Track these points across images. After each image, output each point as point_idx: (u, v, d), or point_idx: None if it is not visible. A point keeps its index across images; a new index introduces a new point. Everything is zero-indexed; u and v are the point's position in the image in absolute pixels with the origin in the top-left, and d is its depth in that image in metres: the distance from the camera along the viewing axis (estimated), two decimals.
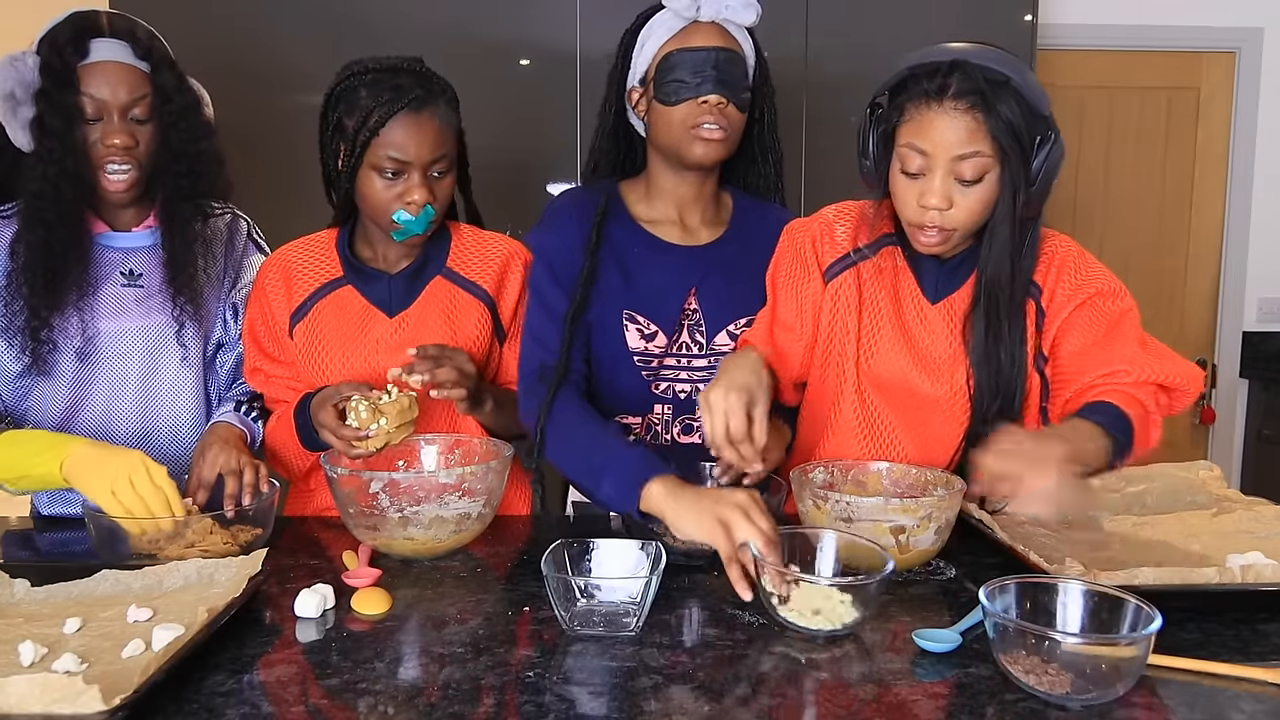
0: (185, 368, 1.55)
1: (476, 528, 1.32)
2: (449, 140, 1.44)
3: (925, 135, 1.24)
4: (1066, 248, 1.38)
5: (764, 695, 0.91)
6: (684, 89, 1.40)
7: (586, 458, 1.30)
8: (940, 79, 1.23)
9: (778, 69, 1.56)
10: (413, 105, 1.39)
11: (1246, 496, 1.36)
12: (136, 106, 1.41)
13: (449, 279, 1.53)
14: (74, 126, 1.38)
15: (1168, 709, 0.88)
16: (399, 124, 1.39)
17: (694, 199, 1.52)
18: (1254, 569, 1.06)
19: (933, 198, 1.25)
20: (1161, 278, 3.56)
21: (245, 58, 2.61)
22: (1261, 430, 3.53)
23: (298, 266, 1.53)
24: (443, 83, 1.46)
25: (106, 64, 1.39)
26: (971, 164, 1.23)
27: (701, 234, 1.53)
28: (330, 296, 1.52)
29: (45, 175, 1.38)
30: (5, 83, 1.36)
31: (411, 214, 1.42)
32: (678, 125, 1.42)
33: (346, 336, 1.50)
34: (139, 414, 1.53)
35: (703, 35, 1.42)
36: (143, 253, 1.52)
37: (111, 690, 0.82)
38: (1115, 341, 1.32)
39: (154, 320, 1.51)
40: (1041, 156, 1.25)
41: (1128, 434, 1.23)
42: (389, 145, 1.39)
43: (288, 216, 1.62)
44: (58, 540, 1.46)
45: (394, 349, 1.48)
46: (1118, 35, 3.38)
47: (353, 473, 1.30)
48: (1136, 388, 1.28)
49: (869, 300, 1.40)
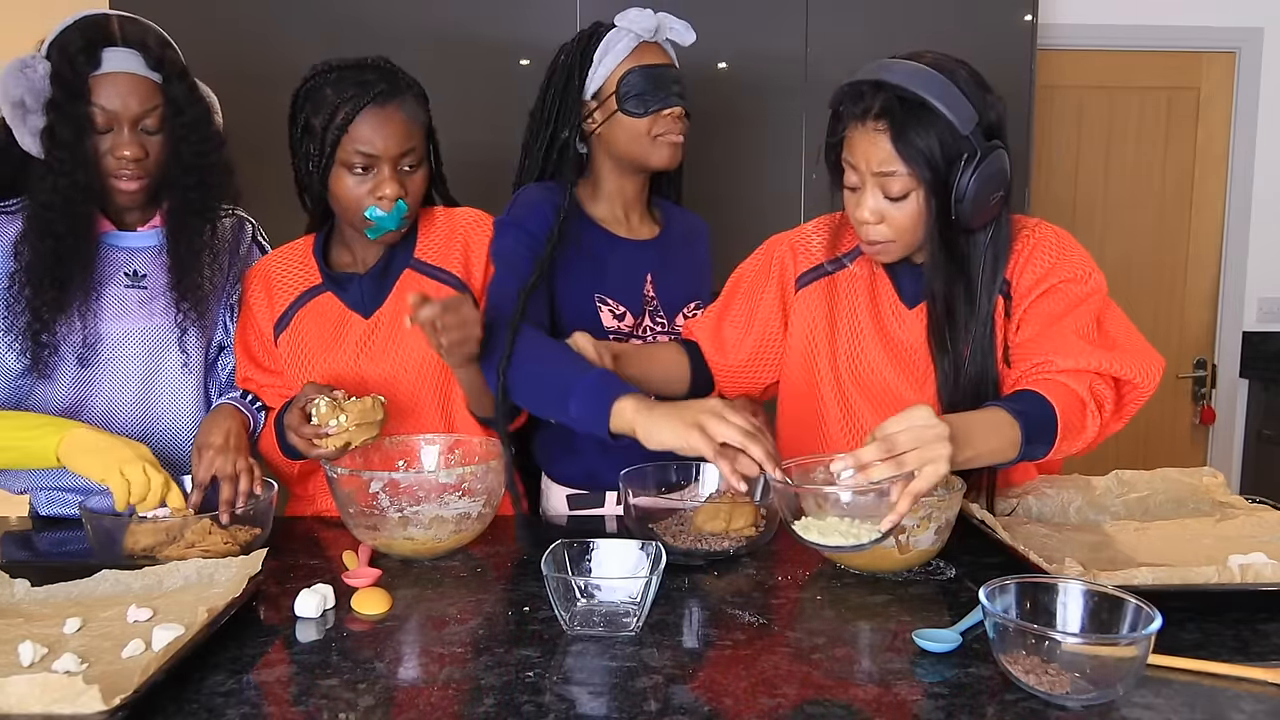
0: (186, 372, 1.55)
1: (477, 528, 1.32)
2: (417, 135, 1.45)
3: (854, 152, 1.28)
4: (1039, 239, 1.35)
5: (764, 695, 0.91)
6: (651, 101, 1.53)
7: (552, 384, 1.31)
8: (865, 99, 1.25)
9: (778, 69, 1.58)
10: (378, 99, 1.40)
11: (1249, 503, 1.36)
12: (147, 118, 1.40)
13: (417, 270, 1.55)
14: (84, 138, 1.37)
15: (1168, 709, 0.88)
16: (366, 118, 1.40)
17: (635, 199, 1.65)
18: (1254, 569, 1.06)
19: (864, 212, 1.29)
20: (1161, 278, 3.56)
21: (244, 57, 2.60)
22: (1261, 430, 3.53)
23: (277, 276, 1.56)
24: (408, 79, 1.47)
25: (118, 75, 1.37)
26: (894, 181, 1.26)
27: (642, 231, 1.66)
28: (310, 304, 1.54)
29: (55, 187, 1.37)
30: (15, 89, 1.35)
31: (384, 209, 1.42)
32: (643, 134, 1.55)
33: (326, 343, 1.52)
34: (139, 416, 1.52)
35: (655, 54, 1.56)
36: (147, 253, 1.51)
37: (111, 690, 0.82)
38: (1059, 329, 1.29)
39: (156, 322, 1.51)
40: (970, 174, 1.23)
41: (1048, 425, 1.19)
42: (357, 140, 1.40)
43: (289, 218, 1.61)
44: (56, 540, 1.47)
45: (372, 350, 1.51)
46: (1118, 35, 3.38)
47: (353, 473, 1.30)
48: (1073, 376, 1.24)
49: (846, 307, 1.44)
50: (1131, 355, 1.27)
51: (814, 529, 1.13)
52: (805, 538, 1.13)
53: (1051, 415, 1.20)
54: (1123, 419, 1.30)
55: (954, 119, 1.22)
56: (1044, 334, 1.30)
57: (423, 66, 1.55)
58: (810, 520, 1.15)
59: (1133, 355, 1.27)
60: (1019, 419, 1.17)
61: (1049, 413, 1.20)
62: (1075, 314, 1.29)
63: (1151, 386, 1.28)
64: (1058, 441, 1.20)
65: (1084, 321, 1.29)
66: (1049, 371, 1.26)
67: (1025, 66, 2.88)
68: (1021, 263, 1.34)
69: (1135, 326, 1.33)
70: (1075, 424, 1.22)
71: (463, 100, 1.50)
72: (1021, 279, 1.34)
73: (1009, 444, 1.17)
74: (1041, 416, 1.19)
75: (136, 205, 1.48)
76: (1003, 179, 1.26)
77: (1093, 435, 1.24)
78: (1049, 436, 1.20)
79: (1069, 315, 1.29)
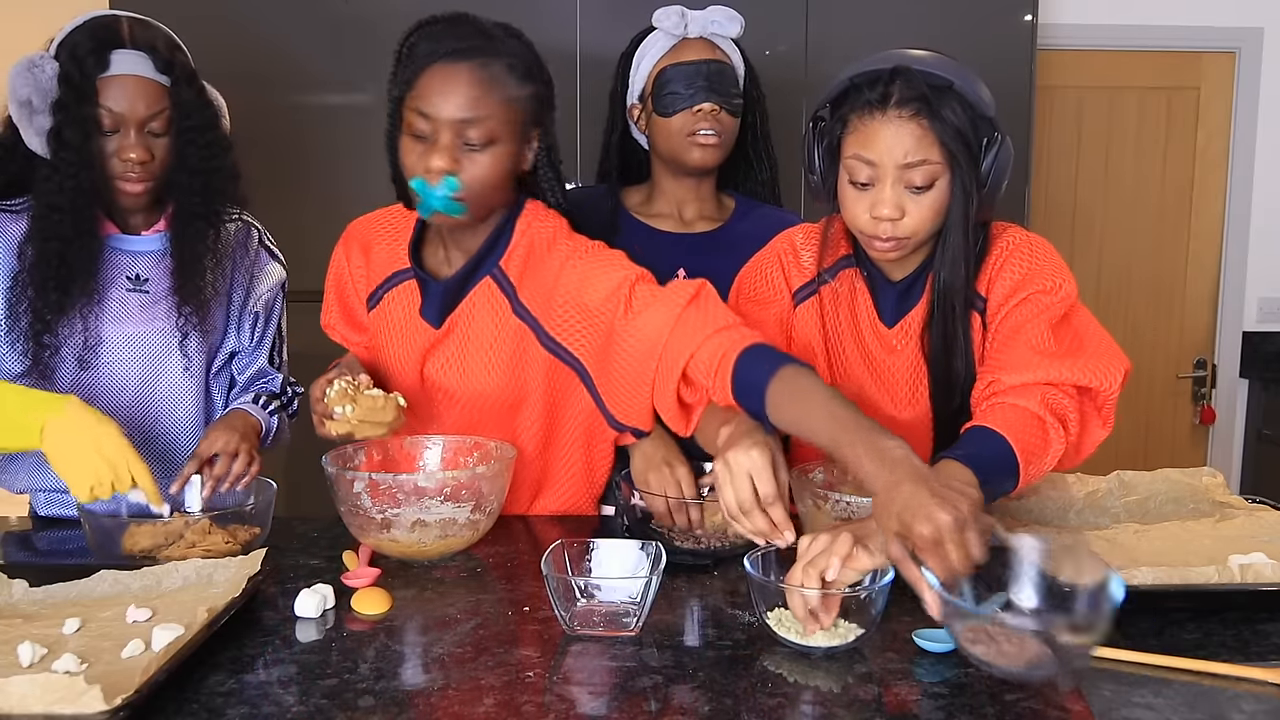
0: (187, 377, 1.54)
1: (467, 534, 1.28)
2: (493, 105, 1.23)
3: (871, 145, 1.21)
4: (1013, 248, 1.30)
5: (764, 695, 0.91)
6: (679, 100, 1.52)
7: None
8: (882, 87, 1.21)
9: (778, 69, 1.59)
10: (452, 56, 1.22)
11: (1249, 503, 1.35)
12: (154, 121, 1.39)
13: (498, 281, 1.37)
14: (91, 140, 1.36)
15: (1168, 709, 0.87)
16: (432, 75, 1.22)
17: (693, 199, 1.62)
18: (1254, 569, 1.06)
19: (885, 208, 1.22)
20: (1161, 278, 3.56)
21: (243, 57, 2.60)
22: (1261, 430, 3.53)
23: (378, 246, 1.44)
24: (511, 44, 1.28)
25: (126, 78, 1.36)
26: (921, 171, 1.20)
27: (697, 225, 1.63)
28: (397, 290, 1.43)
29: (61, 188, 1.36)
30: (23, 89, 1.33)
31: (431, 182, 1.23)
32: (676, 134, 1.53)
33: (396, 337, 1.42)
34: (138, 420, 1.51)
35: (693, 50, 1.54)
36: (150, 257, 1.50)
37: (112, 690, 0.82)
38: (1013, 343, 1.22)
39: (157, 326, 1.51)
40: (990, 158, 1.23)
41: (1003, 461, 1.10)
42: (419, 98, 1.23)
43: (290, 218, 1.61)
44: (56, 539, 1.46)
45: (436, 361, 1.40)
46: (1117, 35, 3.38)
47: (339, 470, 1.28)
48: (1021, 393, 1.16)
49: (832, 324, 1.39)
50: (1088, 359, 1.20)
51: (790, 627, 1.03)
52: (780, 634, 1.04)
53: (1005, 449, 1.10)
54: (1103, 425, 1.22)
55: (979, 101, 1.21)
56: (998, 349, 1.25)
57: None
58: (783, 614, 1.04)
59: (1090, 359, 1.20)
60: (969, 463, 1.07)
61: (1002, 448, 1.11)
62: (1032, 325, 1.23)
63: (1113, 388, 1.20)
64: (1022, 470, 1.11)
65: (1039, 332, 1.22)
66: (997, 392, 1.18)
67: (1025, 66, 2.88)
68: (994, 274, 1.30)
69: (1102, 329, 1.27)
70: (1035, 445, 1.13)
71: None
72: (995, 291, 1.29)
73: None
74: (994, 454, 1.10)
75: (141, 208, 1.47)
76: (1009, 168, 1.25)
77: (1061, 449, 1.15)
78: (1009, 470, 1.10)
79: (1026, 327, 1.23)
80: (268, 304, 1.61)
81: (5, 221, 1.45)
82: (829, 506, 1.20)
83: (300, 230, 1.62)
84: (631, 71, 1.58)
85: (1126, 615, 1.05)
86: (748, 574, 1.04)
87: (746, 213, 1.64)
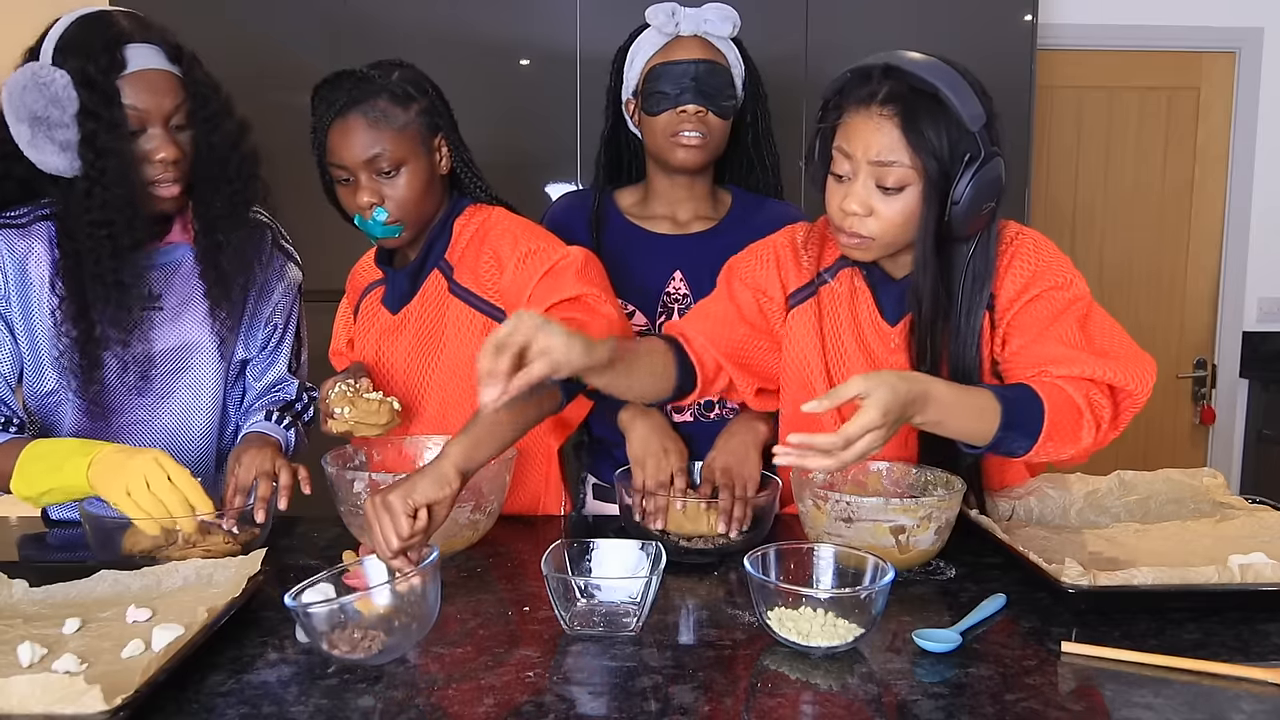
0: (200, 394, 1.50)
1: (467, 534, 1.29)
2: (385, 139, 1.37)
3: (851, 138, 1.21)
4: (1017, 248, 1.30)
5: (764, 695, 0.91)
6: (665, 100, 1.49)
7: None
8: (872, 84, 1.21)
9: (778, 69, 1.57)
10: (341, 110, 1.38)
11: (1249, 503, 1.35)
12: (177, 114, 1.32)
13: (444, 271, 1.50)
14: (126, 142, 1.28)
15: (1168, 709, 0.87)
16: (333, 132, 1.39)
17: (686, 198, 1.60)
18: (1254, 569, 1.06)
19: (853, 202, 1.22)
20: (1161, 278, 3.56)
21: (242, 57, 2.60)
22: (1261, 430, 3.53)
23: (359, 272, 1.63)
24: (384, 81, 1.40)
25: (145, 73, 1.29)
26: (892, 173, 1.20)
27: (693, 226, 1.61)
28: (369, 297, 1.59)
29: (106, 201, 1.27)
30: (34, 104, 1.24)
31: (365, 217, 1.40)
32: (660, 133, 1.52)
33: (366, 333, 1.58)
34: (155, 437, 1.49)
35: (684, 49, 1.51)
36: (162, 271, 1.44)
37: (112, 690, 0.82)
38: (1046, 338, 1.25)
39: (171, 344, 1.46)
40: (967, 177, 1.18)
41: (1032, 416, 1.16)
42: (332, 154, 1.40)
43: (293, 219, 1.61)
44: (67, 539, 1.46)
45: (395, 345, 1.54)
46: (1118, 35, 3.38)
47: (340, 470, 1.31)
48: (1070, 383, 1.20)
49: (832, 326, 1.38)
50: (1124, 361, 1.23)
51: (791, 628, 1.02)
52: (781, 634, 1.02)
53: (1038, 408, 1.16)
54: (1118, 428, 1.25)
55: (963, 114, 1.18)
56: (1033, 344, 1.26)
57: (423, 66, 1.54)
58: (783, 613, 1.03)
59: (1125, 361, 1.23)
60: (1001, 402, 1.15)
61: (1036, 406, 1.16)
62: (1061, 322, 1.25)
63: (1145, 392, 1.23)
64: (1042, 438, 1.16)
65: (1069, 329, 1.24)
66: (1044, 380, 1.21)
67: (1025, 66, 2.88)
68: (1001, 275, 1.29)
69: (1124, 330, 1.29)
70: (1066, 427, 1.18)
71: (463, 100, 1.49)
72: (1004, 291, 1.29)
73: (982, 420, 1.15)
74: (1027, 408, 1.16)
75: (176, 210, 1.41)
76: (996, 188, 1.21)
77: (1088, 445, 1.20)
78: (1032, 429, 1.16)
79: (1055, 324, 1.25)
80: (285, 310, 1.58)
81: (12, 237, 1.38)
82: (829, 506, 1.21)
83: (309, 230, 1.62)
84: (626, 67, 1.56)
85: (1127, 615, 1.06)
86: (748, 574, 1.04)
87: (744, 208, 1.62)
